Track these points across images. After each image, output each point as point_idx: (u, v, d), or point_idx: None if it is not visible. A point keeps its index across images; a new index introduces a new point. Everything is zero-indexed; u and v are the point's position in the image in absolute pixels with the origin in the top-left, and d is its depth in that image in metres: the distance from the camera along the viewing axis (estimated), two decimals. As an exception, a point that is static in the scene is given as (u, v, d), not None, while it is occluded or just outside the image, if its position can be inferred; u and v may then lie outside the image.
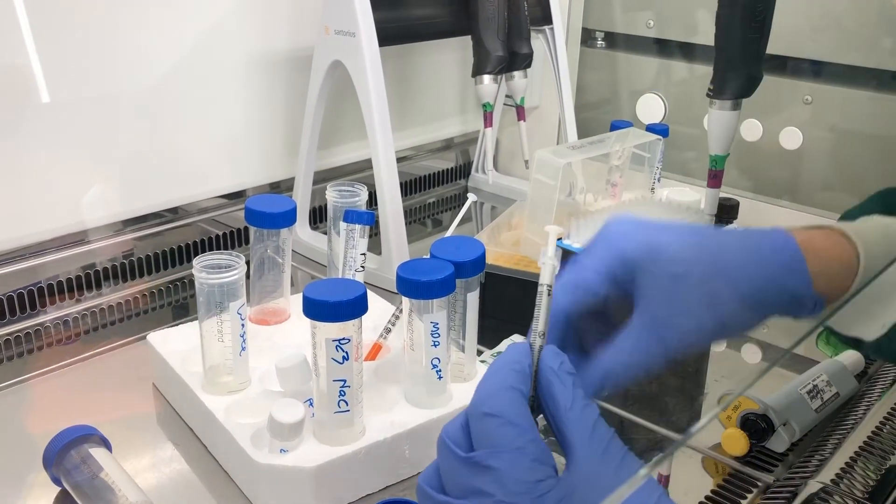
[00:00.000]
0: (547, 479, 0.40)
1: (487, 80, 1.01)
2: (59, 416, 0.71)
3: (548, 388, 0.43)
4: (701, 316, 0.46)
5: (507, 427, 0.41)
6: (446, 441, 0.43)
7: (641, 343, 0.46)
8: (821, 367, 0.74)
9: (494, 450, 0.41)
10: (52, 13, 0.82)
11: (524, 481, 0.40)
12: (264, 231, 0.75)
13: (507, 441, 0.41)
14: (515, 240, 0.96)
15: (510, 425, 0.41)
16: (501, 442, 0.41)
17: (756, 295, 0.48)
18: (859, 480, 0.64)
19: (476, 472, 0.41)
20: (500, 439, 0.41)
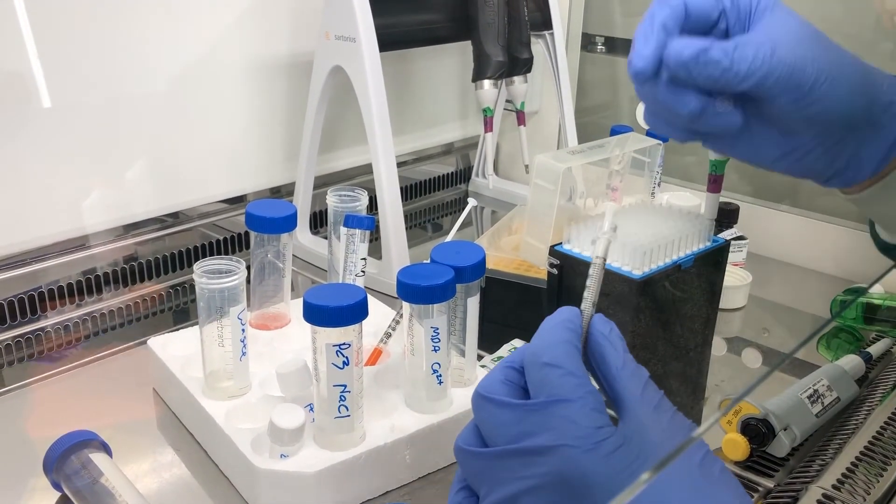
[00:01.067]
0: (606, 426, 0.41)
1: (488, 85, 1.01)
2: (59, 420, 0.71)
3: (599, 350, 0.44)
4: (814, 48, 0.51)
5: (568, 377, 0.41)
6: (490, 396, 0.43)
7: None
8: (821, 372, 0.74)
9: (556, 397, 0.41)
10: (53, 19, 0.83)
11: (586, 426, 0.40)
12: (265, 236, 0.75)
13: (567, 390, 0.41)
14: (515, 244, 0.96)
15: (571, 375, 0.41)
16: (562, 390, 0.41)
17: (858, 66, 0.54)
18: (861, 485, 0.64)
19: (534, 417, 0.41)
20: (561, 388, 0.41)
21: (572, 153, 0.89)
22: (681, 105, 0.51)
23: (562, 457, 0.40)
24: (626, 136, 0.96)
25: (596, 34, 1.26)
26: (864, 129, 0.55)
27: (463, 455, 0.44)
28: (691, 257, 0.64)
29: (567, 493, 0.40)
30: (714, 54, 0.48)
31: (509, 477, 0.41)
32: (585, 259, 0.62)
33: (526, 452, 0.41)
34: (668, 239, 0.62)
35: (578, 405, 0.40)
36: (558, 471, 0.40)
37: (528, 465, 0.41)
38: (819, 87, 0.50)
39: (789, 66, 0.49)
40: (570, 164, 0.86)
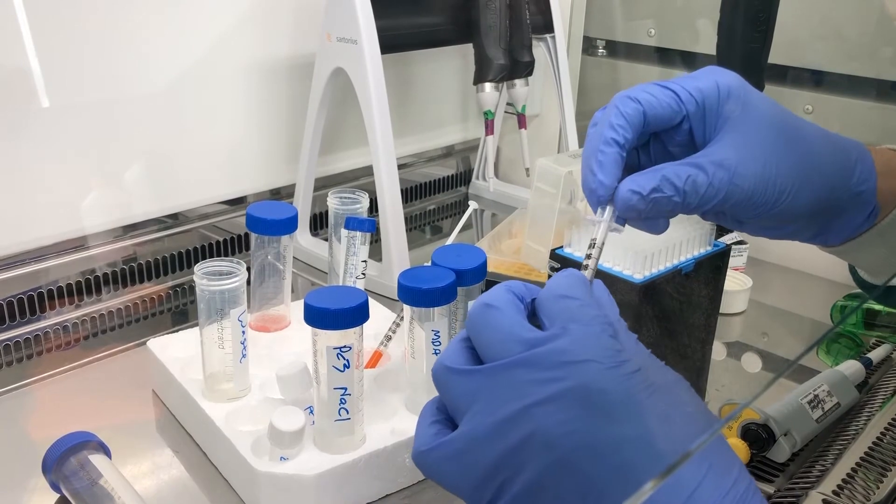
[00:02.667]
0: (624, 350, 0.40)
1: (489, 88, 1.01)
2: (58, 421, 0.70)
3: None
4: (777, 164, 0.49)
5: (586, 307, 0.41)
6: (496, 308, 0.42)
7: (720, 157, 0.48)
8: (822, 377, 0.74)
9: (577, 321, 0.40)
10: (53, 18, 0.82)
11: (607, 347, 0.40)
12: (265, 238, 0.75)
13: (589, 317, 0.41)
14: (516, 248, 0.96)
15: (589, 306, 0.41)
16: (582, 317, 0.41)
17: (826, 166, 0.52)
18: (861, 491, 0.64)
19: (551, 338, 0.40)
20: (582, 315, 0.41)
21: (573, 156, 0.89)
22: (649, 228, 0.51)
23: (586, 370, 0.39)
24: (627, 139, 0.96)
25: (597, 38, 1.26)
26: (829, 216, 0.55)
27: (449, 374, 0.42)
28: (692, 262, 0.64)
29: (586, 405, 0.38)
30: (665, 192, 0.47)
31: (517, 391, 0.39)
32: (587, 263, 0.62)
33: (544, 364, 0.39)
34: (669, 243, 0.62)
35: (599, 328, 0.40)
36: (581, 383, 0.38)
37: (545, 377, 0.39)
38: (781, 202, 0.50)
39: (745, 192, 0.48)
40: (571, 167, 0.86)
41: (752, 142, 0.49)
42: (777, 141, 0.49)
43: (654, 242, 0.60)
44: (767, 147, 0.49)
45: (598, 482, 0.38)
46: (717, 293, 0.69)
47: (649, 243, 0.60)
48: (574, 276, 0.43)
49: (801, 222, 0.54)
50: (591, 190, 0.48)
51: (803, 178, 0.50)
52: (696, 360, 0.71)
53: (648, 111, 0.48)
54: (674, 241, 0.62)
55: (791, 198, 0.50)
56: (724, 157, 0.48)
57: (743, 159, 0.48)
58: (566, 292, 0.42)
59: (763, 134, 0.49)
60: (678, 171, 0.47)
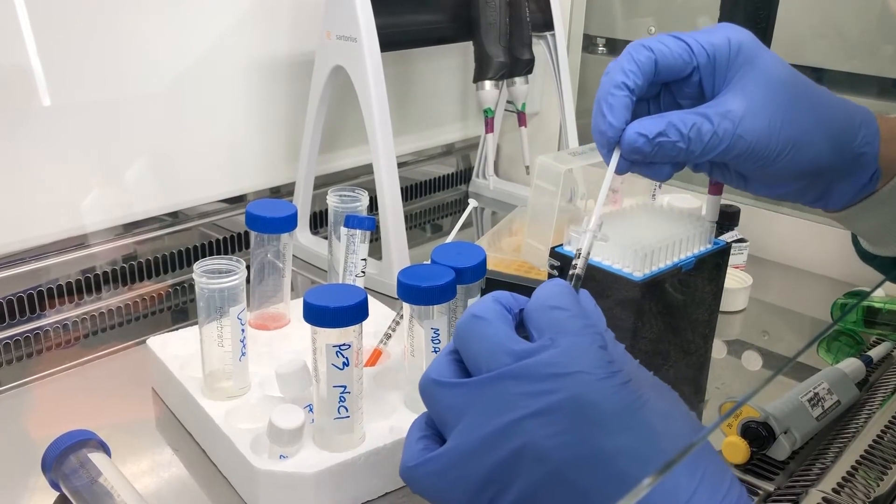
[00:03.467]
0: (615, 361, 0.40)
1: (489, 86, 1.01)
2: (58, 420, 0.70)
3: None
4: (782, 118, 0.50)
5: (576, 318, 0.41)
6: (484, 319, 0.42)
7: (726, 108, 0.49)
8: (822, 375, 0.74)
9: (567, 332, 0.40)
10: (53, 17, 0.82)
11: (599, 358, 0.39)
12: (265, 236, 0.75)
13: (579, 327, 0.40)
14: (516, 246, 0.96)
15: (579, 317, 0.41)
16: (572, 328, 0.40)
17: (830, 124, 0.52)
18: (861, 489, 0.64)
19: (540, 350, 0.40)
20: (572, 326, 0.40)
21: (573, 154, 0.88)
22: (654, 174, 0.52)
23: (578, 381, 0.38)
24: (627, 137, 0.96)
25: (597, 35, 1.26)
26: (832, 177, 0.56)
27: (437, 388, 0.41)
28: (692, 259, 0.63)
29: (578, 417, 0.38)
30: (670, 137, 0.49)
31: (507, 404, 0.39)
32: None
33: (534, 377, 0.39)
34: (669, 241, 0.62)
35: (589, 339, 0.40)
36: (572, 395, 0.38)
37: (536, 389, 0.38)
38: (783, 157, 0.51)
39: (749, 144, 0.50)
40: (571, 165, 0.86)
41: (758, 96, 0.50)
42: (783, 96, 0.50)
43: (654, 240, 0.60)
44: (773, 102, 0.50)
45: (593, 494, 0.38)
46: (718, 291, 0.69)
47: (649, 241, 0.60)
48: (561, 286, 0.43)
49: (804, 181, 0.54)
50: (601, 132, 0.49)
51: (807, 134, 0.51)
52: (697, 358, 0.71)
53: (660, 60, 0.50)
54: (674, 239, 0.62)
55: (794, 152, 0.51)
56: (729, 109, 0.49)
57: (748, 112, 0.49)
58: (554, 303, 0.42)
59: (770, 89, 0.50)
60: (684, 118, 0.49)
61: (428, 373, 0.42)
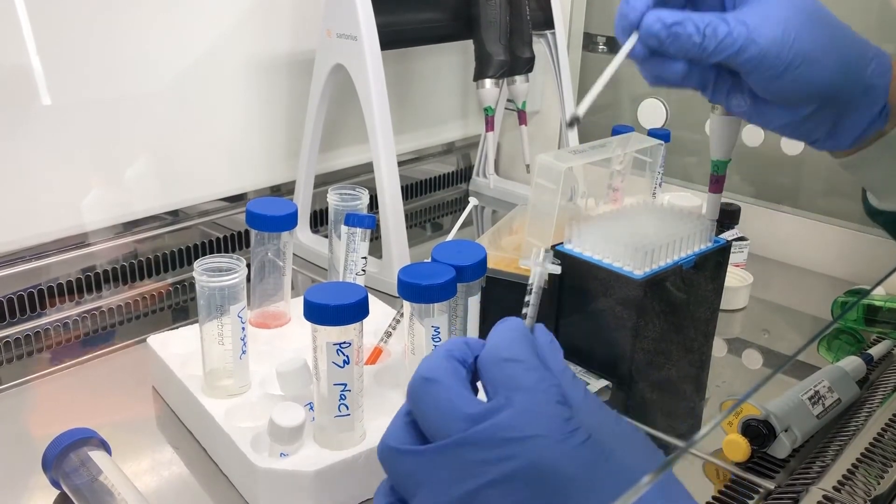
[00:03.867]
0: (573, 418, 0.38)
1: (489, 85, 1.01)
2: (58, 418, 0.71)
3: (542, 356, 0.42)
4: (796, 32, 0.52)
5: (531, 371, 0.39)
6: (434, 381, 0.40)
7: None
8: (822, 373, 0.74)
9: (520, 392, 0.39)
10: (53, 16, 0.82)
11: (556, 417, 0.38)
12: (265, 234, 0.75)
13: (532, 382, 0.39)
14: (516, 244, 0.96)
15: (534, 369, 0.40)
16: (526, 384, 0.39)
17: (844, 48, 0.55)
18: (861, 487, 0.64)
19: (494, 412, 0.38)
20: (526, 380, 0.39)
21: (574, 153, 0.88)
22: (665, 69, 0.54)
23: (535, 446, 0.37)
24: (627, 136, 0.96)
25: (597, 34, 1.26)
26: (841, 107, 0.57)
27: (394, 456, 0.40)
28: (693, 258, 0.63)
29: (538, 485, 0.37)
30: (686, 28, 0.51)
31: (463, 472, 0.37)
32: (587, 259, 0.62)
33: (490, 442, 0.37)
34: (669, 239, 0.62)
35: (545, 396, 0.38)
36: (530, 462, 0.37)
37: (493, 456, 0.37)
38: (793, 70, 0.52)
39: (761, 49, 0.51)
40: (571, 163, 0.86)
41: (775, 10, 0.52)
42: (800, 14, 0.52)
43: (655, 238, 0.60)
44: (790, 16, 0.52)
45: None
46: (718, 289, 0.69)
47: (650, 239, 0.60)
48: (516, 332, 0.42)
49: (813, 106, 0.55)
50: (623, 14, 0.52)
51: (819, 52, 0.53)
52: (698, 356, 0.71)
53: None
54: (675, 238, 0.62)
55: (805, 66, 0.52)
56: (746, 17, 0.52)
57: (763, 20, 0.52)
58: (507, 354, 0.40)
59: (788, 5, 0.52)
60: (703, 16, 0.52)
61: (385, 438, 0.41)
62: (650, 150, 0.97)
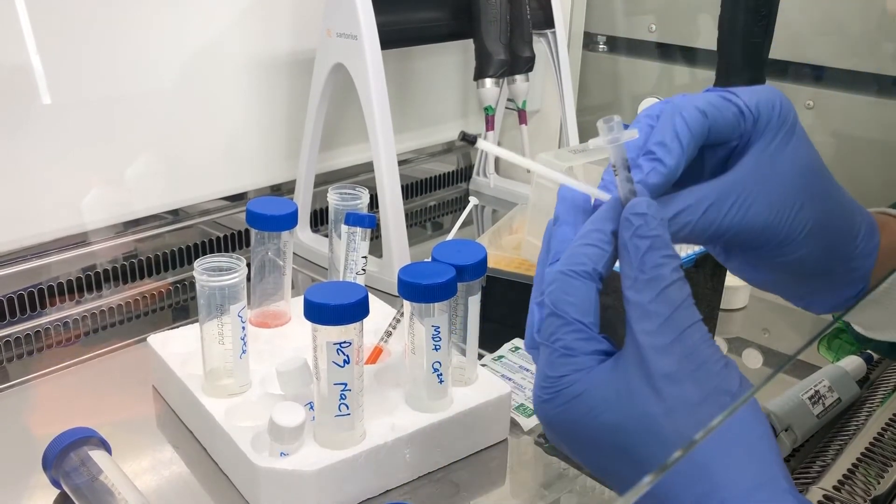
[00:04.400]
0: (572, 373, 0.39)
1: (489, 84, 1.01)
2: (58, 417, 0.71)
3: (620, 264, 0.41)
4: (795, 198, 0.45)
5: (551, 318, 0.40)
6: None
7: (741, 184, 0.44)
8: (822, 373, 0.74)
9: (540, 340, 0.41)
10: (53, 14, 0.82)
11: (547, 375, 0.40)
12: (265, 234, 0.75)
13: (547, 333, 0.40)
14: (517, 243, 0.96)
15: (554, 316, 0.40)
16: (544, 333, 0.40)
17: (835, 234, 0.48)
18: (861, 486, 0.64)
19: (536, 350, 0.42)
20: (544, 330, 0.40)
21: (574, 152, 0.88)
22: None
23: (535, 403, 0.41)
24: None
25: (598, 33, 1.26)
26: (817, 286, 0.51)
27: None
28: (693, 257, 0.63)
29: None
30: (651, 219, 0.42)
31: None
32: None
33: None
34: (670, 239, 0.62)
35: (548, 352, 0.40)
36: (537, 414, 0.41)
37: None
38: (781, 250, 0.46)
39: (755, 233, 0.44)
40: (571, 162, 0.86)
41: (776, 186, 0.45)
42: (799, 190, 0.45)
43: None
44: (786, 193, 0.45)
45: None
46: (719, 288, 0.69)
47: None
48: (572, 255, 0.41)
49: (784, 276, 0.49)
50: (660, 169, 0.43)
51: (808, 233, 0.46)
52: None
53: (712, 128, 0.44)
54: (674, 237, 0.62)
55: (791, 247, 0.46)
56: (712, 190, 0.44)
57: (758, 197, 0.44)
58: (546, 296, 0.41)
59: (790, 174, 0.45)
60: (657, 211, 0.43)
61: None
62: (650, 150, 0.97)
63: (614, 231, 0.41)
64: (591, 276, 0.41)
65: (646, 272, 0.39)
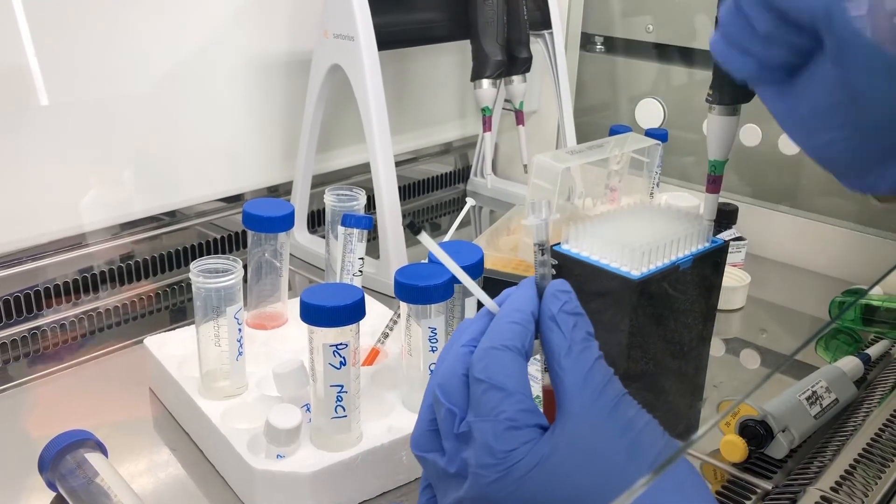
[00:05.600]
0: (521, 446, 0.39)
1: (486, 85, 1.01)
2: (55, 420, 0.70)
3: (546, 336, 0.42)
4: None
5: (490, 392, 0.40)
6: (422, 455, 0.43)
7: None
8: (820, 373, 0.74)
9: (476, 418, 0.40)
10: (50, 16, 0.82)
11: (496, 451, 0.39)
12: (262, 235, 0.75)
13: (488, 408, 0.40)
14: (514, 244, 0.96)
15: (493, 390, 0.40)
16: (483, 409, 0.40)
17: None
18: (859, 487, 0.64)
19: (463, 441, 0.41)
20: (482, 406, 0.40)
21: (571, 153, 0.88)
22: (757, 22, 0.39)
23: (473, 484, 0.39)
24: (625, 136, 0.96)
25: (595, 34, 1.26)
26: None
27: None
28: (690, 258, 0.63)
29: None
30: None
31: (444, 494, 0.41)
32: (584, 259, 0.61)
33: (447, 476, 0.40)
34: (666, 239, 0.61)
35: (491, 425, 0.39)
36: (472, 497, 0.39)
37: (451, 489, 0.40)
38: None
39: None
40: (569, 163, 0.86)
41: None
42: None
43: (651, 239, 0.60)
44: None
45: None
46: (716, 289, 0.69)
47: (647, 239, 0.60)
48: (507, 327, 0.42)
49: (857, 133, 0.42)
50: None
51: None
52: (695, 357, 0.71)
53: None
54: (672, 238, 0.62)
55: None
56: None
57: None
58: (477, 372, 0.41)
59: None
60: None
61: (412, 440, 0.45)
62: (648, 150, 0.97)
63: (533, 312, 0.42)
64: (520, 352, 0.41)
65: (578, 343, 0.41)
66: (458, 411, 0.41)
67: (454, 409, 0.41)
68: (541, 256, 0.44)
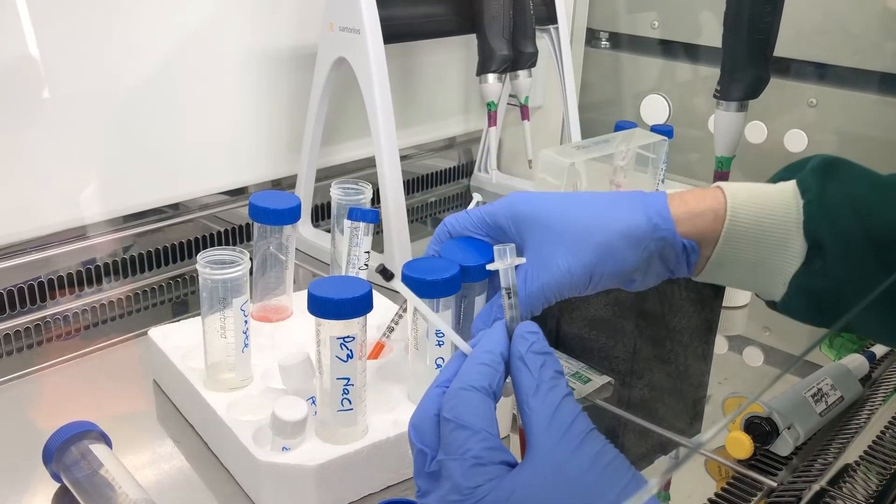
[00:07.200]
0: (486, 482, 0.40)
1: (492, 79, 1.01)
2: (59, 411, 0.70)
3: (515, 376, 0.44)
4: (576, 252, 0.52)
5: (457, 431, 0.42)
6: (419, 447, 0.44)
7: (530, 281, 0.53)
8: (825, 371, 0.74)
9: (446, 456, 0.42)
10: (53, 9, 0.82)
11: (462, 487, 0.40)
12: (268, 227, 0.74)
13: (455, 446, 0.42)
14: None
15: (460, 429, 0.42)
16: (451, 448, 0.42)
17: (624, 229, 0.53)
18: (862, 484, 0.63)
19: (434, 479, 0.43)
20: (450, 445, 0.42)
21: (577, 148, 0.88)
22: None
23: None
24: (630, 131, 0.96)
25: (601, 29, 1.26)
26: (652, 274, 0.56)
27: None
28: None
29: None
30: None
31: None
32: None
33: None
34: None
35: (457, 464, 0.41)
36: None
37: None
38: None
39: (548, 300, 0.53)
40: (574, 159, 0.86)
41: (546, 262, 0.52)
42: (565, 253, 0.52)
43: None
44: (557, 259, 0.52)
45: None
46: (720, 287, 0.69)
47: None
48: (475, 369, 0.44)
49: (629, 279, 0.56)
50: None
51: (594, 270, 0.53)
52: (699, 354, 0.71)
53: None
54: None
55: (612, 266, 0.53)
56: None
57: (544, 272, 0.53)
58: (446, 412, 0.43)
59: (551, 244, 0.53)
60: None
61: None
62: (653, 146, 0.97)
63: (502, 353, 0.44)
64: (488, 392, 0.43)
65: (546, 382, 0.43)
66: (429, 451, 0.43)
67: (425, 450, 0.43)
68: (508, 299, 0.46)
